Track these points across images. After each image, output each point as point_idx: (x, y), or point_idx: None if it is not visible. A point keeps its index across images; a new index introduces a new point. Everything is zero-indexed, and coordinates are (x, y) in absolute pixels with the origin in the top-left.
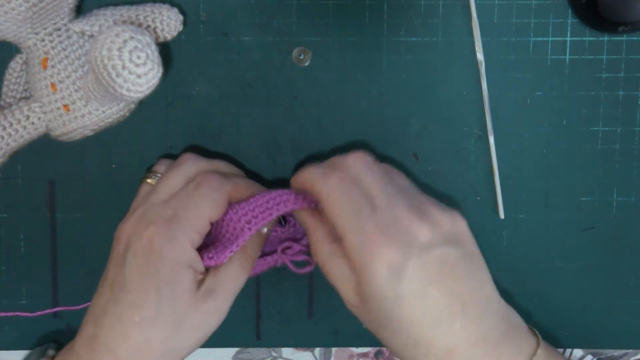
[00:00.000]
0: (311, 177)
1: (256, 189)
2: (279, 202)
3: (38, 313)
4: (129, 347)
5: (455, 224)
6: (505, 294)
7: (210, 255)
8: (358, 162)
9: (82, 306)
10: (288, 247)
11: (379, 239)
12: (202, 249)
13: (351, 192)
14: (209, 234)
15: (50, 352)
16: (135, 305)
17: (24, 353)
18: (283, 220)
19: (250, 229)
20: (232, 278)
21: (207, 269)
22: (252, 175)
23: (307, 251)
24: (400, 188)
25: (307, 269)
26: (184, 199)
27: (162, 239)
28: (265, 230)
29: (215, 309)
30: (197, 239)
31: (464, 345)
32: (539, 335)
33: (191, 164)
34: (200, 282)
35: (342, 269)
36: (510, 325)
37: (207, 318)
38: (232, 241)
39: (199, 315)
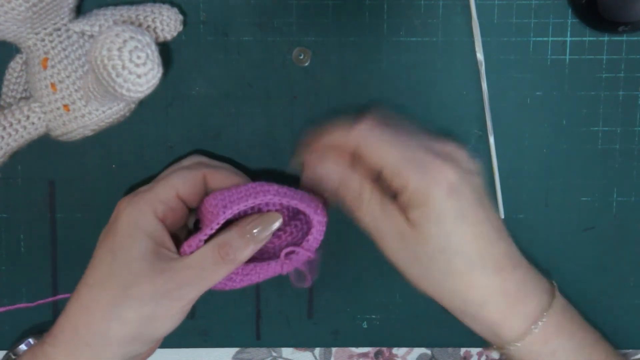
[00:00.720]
0: (340, 132)
1: (240, 180)
2: (259, 191)
3: (37, 302)
4: (79, 308)
5: (470, 163)
6: None
7: (188, 243)
8: (375, 123)
9: None
10: (291, 252)
11: (436, 161)
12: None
13: (389, 129)
14: (196, 229)
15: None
16: (91, 268)
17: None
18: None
19: (224, 212)
20: (199, 264)
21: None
22: (252, 176)
23: (310, 256)
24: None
25: (307, 284)
26: (161, 177)
27: (127, 204)
28: (255, 230)
29: (170, 288)
30: (161, 209)
31: (508, 266)
32: (555, 286)
33: (191, 158)
34: (164, 259)
35: (386, 210)
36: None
37: (157, 294)
38: (207, 223)
39: (149, 287)
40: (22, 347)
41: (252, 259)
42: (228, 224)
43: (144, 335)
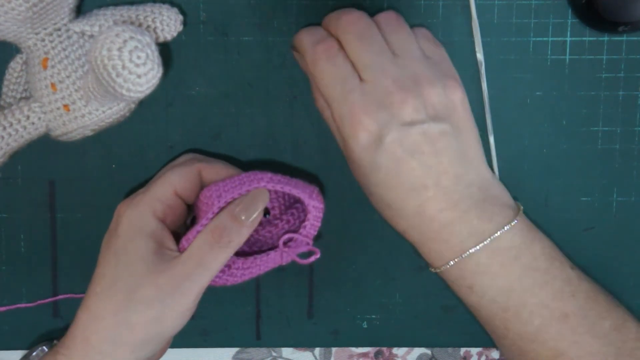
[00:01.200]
0: (303, 41)
1: (234, 172)
2: (252, 179)
3: (37, 302)
4: (89, 316)
5: (448, 96)
6: None
7: (186, 237)
8: (352, 26)
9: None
10: (290, 240)
11: (360, 111)
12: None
13: (337, 61)
14: (193, 225)
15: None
16: (98, 276)
17: (22, 353)
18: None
19: (219, 202)
20: (196, 254)
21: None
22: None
23: (310, 241)
24: (397, 54)
25: (313, 258)
26: (156, 176)
27: (126, 208)
28: (248, 218)
29: (171, 285)
30: (160, 208)
31: (433, 209)
32: (521, 209)
33: (185, 156)
34: (164, 256)
35: (331, 120)
36: (488, 194)
37: (162, 294)
38: (202, 218)
39: (153, 288)
40: (36, 354)
41: (251, 252)
42: None
43: (154, 337)
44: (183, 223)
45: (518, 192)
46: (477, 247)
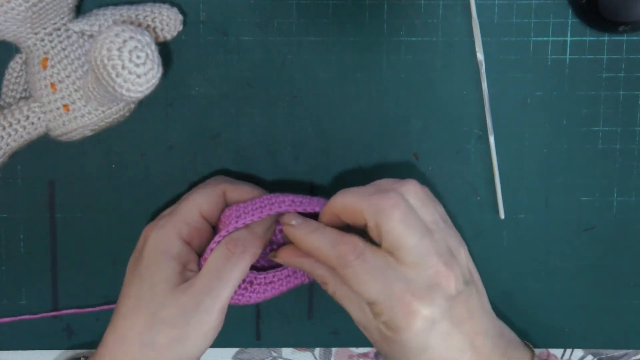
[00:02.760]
0: (319, 249)
1: (257, 194)
2: (274, 202)
3: (41, 315)
4: (116, 337)
5: (467, 255)
6: (506, 294)
7: (204, 256)
8: (395, 211)
9: (83, 310)
10: None
11: (413, 299)
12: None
13: (367, 256)
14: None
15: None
16: (123, 296)
17: (23, 353)
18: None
19: (237, 222)
20: (212, 269)
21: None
22: (252, 178)
23: None
24: (431, 229)
25: None
26: (182, 198)
27: (153, 230)
28: (261, 229)
29: (193, 303)
30: (186, 230)
31: None
32: (531, 348)
33: (213, 178)
34: (188, 277)
35: (365, 311)
36: (506, 340)
37: (184, 313)
38: (217, 234)
39: (176, 309)
40: None
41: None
42: None
43: (179, 357)
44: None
45: (518, 192)
46: None
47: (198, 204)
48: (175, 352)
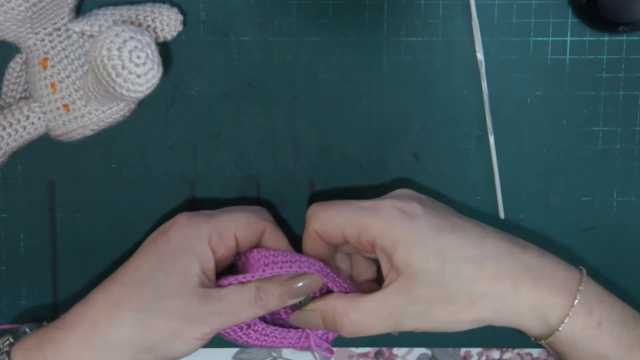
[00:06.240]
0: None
1: (288, 248)
2: (304, 262)
3: (43, 323)
4: (106, 303)
5: None
6: None
7: (224, 278)
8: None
9: None
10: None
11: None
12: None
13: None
14: (232, 266)
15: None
16: (131, 267)
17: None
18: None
19: (264, 270)
20: (232, 301)
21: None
22: (253, 179)
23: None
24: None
25: (325, 354)
26: (228, 209)
27: (186, 219)
28: (295, 285)
29: (202, 312)
30: (215, 240)
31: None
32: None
33: (260, 210)
34: (203, 285)
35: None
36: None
37: (190, 314)
38: (245, 272)
39: (185, 304)
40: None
41: (271, 321)
42: None
43: (160, 350)
44: (224, 265)
45: (518, 192)
46: None
47: (237, 225)
48: (160, 341)
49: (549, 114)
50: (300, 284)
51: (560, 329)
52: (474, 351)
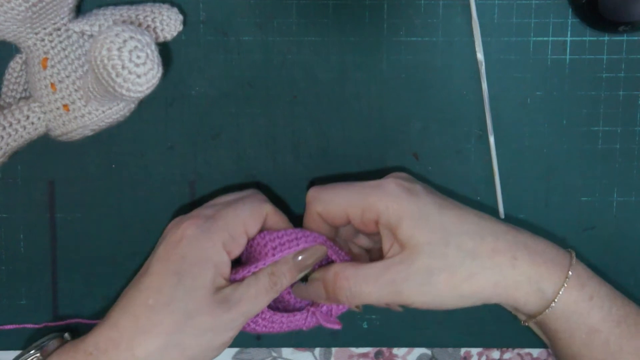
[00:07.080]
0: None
1: (289, 225)
2: (309, 236)
3: (44, 324)
4: (136, 328)
5: None
6: None
7: (235, 272)
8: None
9: (89, 321)
10: (318, 304)
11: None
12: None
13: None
14: (239, 259)
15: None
16: (152, 288)
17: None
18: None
19: (274, 255)
20: (251, 295)
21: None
22: (253, 179)
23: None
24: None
25: (333, 326)
26: (226, 205)
27: (196, 229)
28: (300, 257)
29: (226, 320)
30: (229, 242)
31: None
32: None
33: (252, 191)
34: (221, 289)
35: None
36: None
37: (217, 327)
38: (255, 262)
39: (209, 318)
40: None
41: (275, 307)
42: None
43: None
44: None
45: (518, 192)
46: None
47: (243, 221)
48: (196, 357)
49: (549, 114)
50: (307, 256)
51: (555, 300)
52: (474, 351)
